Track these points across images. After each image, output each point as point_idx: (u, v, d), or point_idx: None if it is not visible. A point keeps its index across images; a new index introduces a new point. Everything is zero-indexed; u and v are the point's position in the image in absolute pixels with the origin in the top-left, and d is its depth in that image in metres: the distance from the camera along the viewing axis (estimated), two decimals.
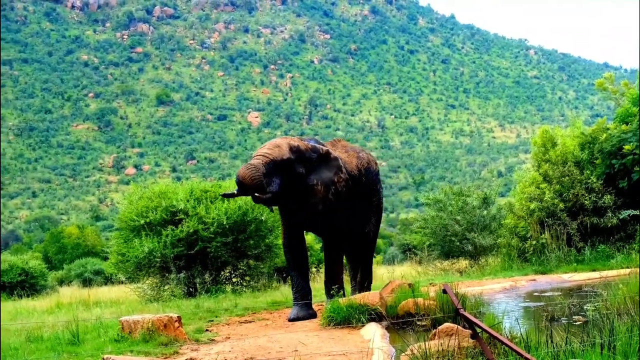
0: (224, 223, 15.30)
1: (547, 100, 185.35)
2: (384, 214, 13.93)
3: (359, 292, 10.68)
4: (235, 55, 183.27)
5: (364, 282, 11.63)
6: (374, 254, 13.80)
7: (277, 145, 9.75)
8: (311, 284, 11.38)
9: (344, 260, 11.44)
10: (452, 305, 6.52)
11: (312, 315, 9.77)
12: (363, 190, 10.96)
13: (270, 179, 9.44)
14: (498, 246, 18.02)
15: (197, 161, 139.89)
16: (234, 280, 16.86)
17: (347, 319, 8.66)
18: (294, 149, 9.83)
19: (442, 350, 5.70)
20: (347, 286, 11.66)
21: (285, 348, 7.25)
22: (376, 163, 11.70)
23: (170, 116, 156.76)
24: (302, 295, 9.96)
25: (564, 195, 15.96)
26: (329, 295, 10.14)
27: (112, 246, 17.28)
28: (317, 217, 10.16)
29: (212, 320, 10.18)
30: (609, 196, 15.58)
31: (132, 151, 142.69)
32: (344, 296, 9.97)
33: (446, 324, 6.49)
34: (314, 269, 20.09)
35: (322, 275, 13.30)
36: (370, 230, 11.62)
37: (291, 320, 9.67)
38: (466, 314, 4.80)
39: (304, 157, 9.92)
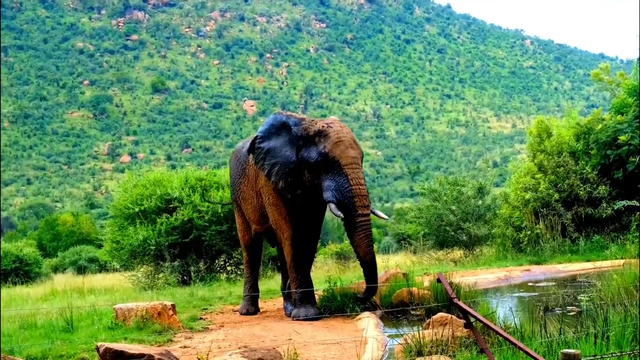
0: (219, 211, 15.28)
1: (542, 90, 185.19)
2: (379, 203, 13.77)
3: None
4: (231, 43, 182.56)
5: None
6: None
7: (355, 139, 8.55)
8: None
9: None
10: (446, 294, 6.51)
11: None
12: None
13: None
14: (493, 236, 18.06)
15: (192, 149, 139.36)
16: (228, 268, 16.86)
17: (341, 308, 8.64)
18: None
19: (436, 339, 5.70)
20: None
21: (279, 336, 7.25)
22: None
23: (166, 104, 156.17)
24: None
25: (558, 185, 15.98)
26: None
27: (107, 234, 17.28)
28: None
29: (206, 309, 10.18)
30: (603, 187, 15.61)
31: (127, 139, 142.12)
32: None
33: (440, 314, 6.49)
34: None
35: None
36: None
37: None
38: (460, 303, 4.79)
39: None
